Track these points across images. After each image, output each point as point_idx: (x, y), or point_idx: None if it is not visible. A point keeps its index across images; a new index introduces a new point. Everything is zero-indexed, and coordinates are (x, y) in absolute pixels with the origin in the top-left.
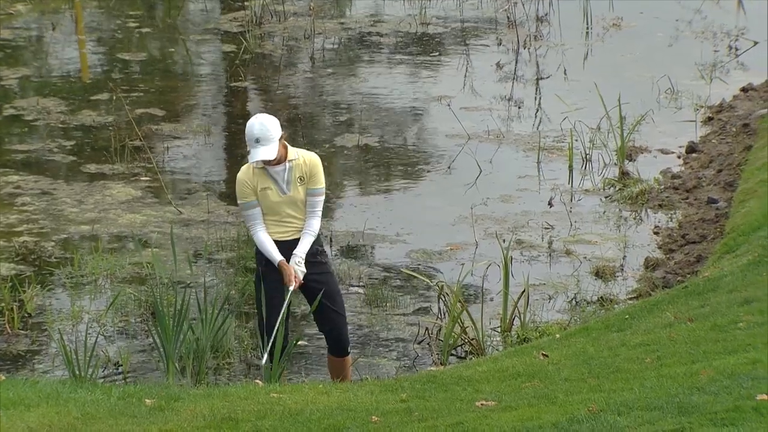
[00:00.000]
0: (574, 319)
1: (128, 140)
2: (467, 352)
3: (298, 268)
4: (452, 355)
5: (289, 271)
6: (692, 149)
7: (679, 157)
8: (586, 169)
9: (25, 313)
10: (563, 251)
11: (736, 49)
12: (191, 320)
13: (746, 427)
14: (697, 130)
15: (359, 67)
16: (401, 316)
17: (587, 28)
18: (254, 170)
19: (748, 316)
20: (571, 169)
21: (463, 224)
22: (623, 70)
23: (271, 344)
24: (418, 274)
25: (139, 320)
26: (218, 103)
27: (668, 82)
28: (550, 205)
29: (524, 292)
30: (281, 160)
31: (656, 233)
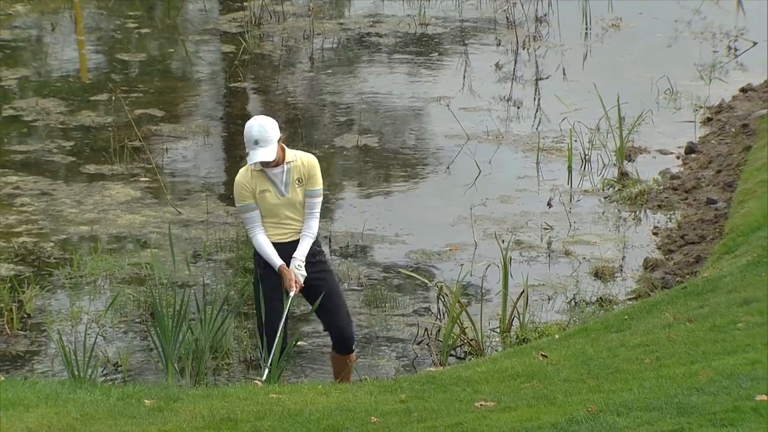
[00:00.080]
0: (573, 319)
1: (127, 141)
2: (466, 352)
3: (298, 272)
4: (451, 355)
5: (289, 275)
6: (691, 150)
7: (678, 157)
8: (585, 169)
9: (24, 313)
10: (562, 252)
11: (735, 49)
12: (190, 321)
13: (745, 427)
14: (696, 130)
15: (358, 67)
16: (400, 316)
17: (586, 28)
18: (252, 173)
19: (747, 316)
20: (570, 169)
21: (462, 225)
22: (622, 70)
23: (272, 357)
24: (417, 274)
25: (138, 321)
26: (217, 103)
27: (667, 82)
28: (549, 205)
29: (523, 292)
30: (279, 162)
31: (655, 234)
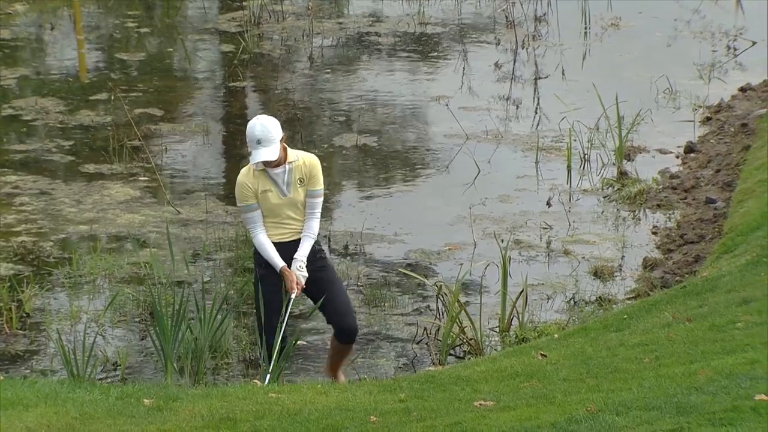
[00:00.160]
0: (572, 319)
1: (127, 140)
2: (466, 352)
3: (299, 273)
4: (451, 355)
5: (291, 277)
6: (690, 149)
7: (677, 157)
8: (584, 169)
9: (23, 313)
10: (561, 251)
11: (734, 49)
12: (189, 320)
13: (744, 427)
14: (695, 130)
15: (358, 67)
16: (399, 316)
17: (585, 28)
18: (254, 172)
19: (746, 316)
20: (569, 169)
21: (461, 224)
22: (622, 69)
23: (273, 363)
24: (416, 274)
25: (137, 320)
26: (217, 103)
27: (666, 81)
28: (548, 205)
29: (522, 292)
30: (281, 161)
31: (654, 233)
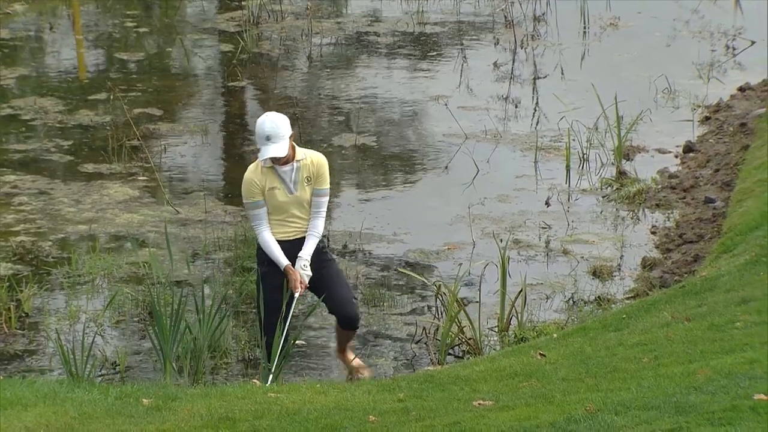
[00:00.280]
0: (571, 318)
1: (126, 140)
2: (464, 351)
3: (303, 272)
4: (449, 354)
5: (294, 276)
6: (689, 149)
7: (676, 156)
8: (583, 168)
9: (22, 312)
10: (560, 251)
11: (733, 48)
12: (188, 320)
13: (743, 426)
14: (694, 129)
15: (356, 66)
16: (398, 315)
17: (584, 27)
18: (262, 169)
19: (745, 315)
20: (568, 168)
21: (460, 224)
22: (620, 69)
23: (273, 363)
24: (415, 273)
25: (136, 320)
26: (216, 102)
27: (665, 81)
28: (547, 204)
29: (521, 291)
30: (289, 159)
31: (653, 233)
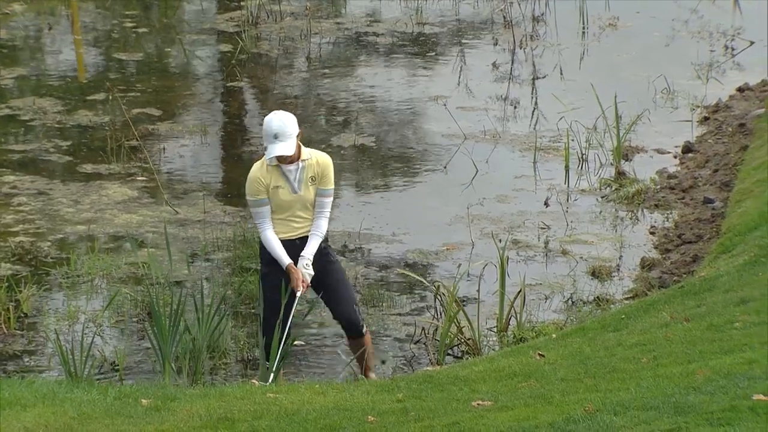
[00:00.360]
0: (570, 319)
1: (125, 140)
2: (463, 351)
3: (305, 271)
4: (448, 354)
5: (296, 275)
6: (688, 149)
7: (675, 157)
8: (582, 169)
9: (21, 313)
10: (559, 251)
11: (732, 48)
12: (187, 320)
13: (742, 427)
14: (693, 129)
15: (355, 66)
16: (397, 315)
17: (583, 27)
18: (267, 168)
19: (744, 316)
20: (567, 169)
21: (459, 224)
22: (619, 69)
23: (273, 362)
24: (414, 274)
25: (135, 320)
26: (215, 103)
27: (664, 81)
28: (546, 205)
29: (520, 292)
30: (294, 158)
31: (652, 233)
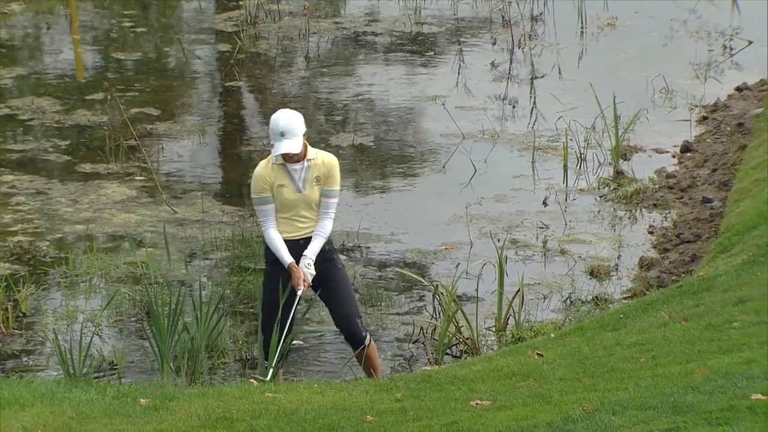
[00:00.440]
0: (568, 318)
1: (123, 140)
2: (462, 351)
3: (307, 270)
4: (447, 354)
5: (298, 273)
6: (687, 149)
7: (673, 156)
8: (580, 168)
9: (19, 312)
10: (558, 251)
11: (730, 48)
12: (186, 320)
13: (741, 426)
14: (691, 129)
15: (354, 66)
16: (396, 315)
17: (582, 27)
18: (273, 166)
19: (742, 315)
20: (565, 168)
21: (457, 224)
22: (618, 69)
23: (275, 361)
24: (412, 273)
25: (133, 320)
26: (213, 102)
27: (663, 81)
28: (544, 204)
29: (519, 291)
30: (300, 158)
31: (651, 233)
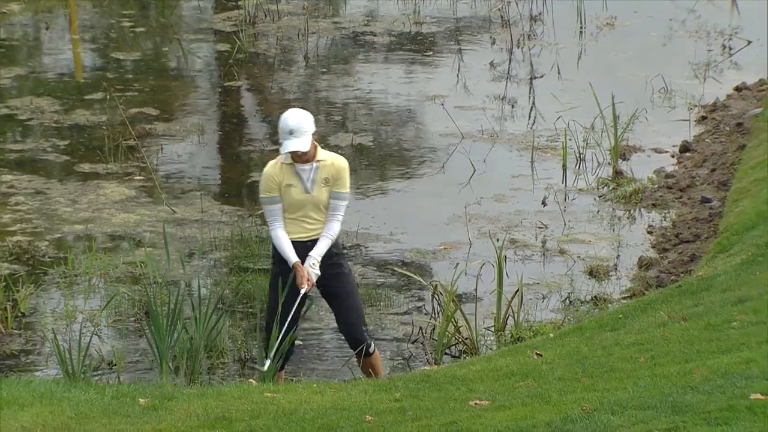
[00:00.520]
0: (567, 318)
1: (122, 140)
2: (461, 351)
3: (312, 270)
4: (446, 354)
5: (302, 272)
6: (686, 148)
7: (672, 156)
8: (579, 168)
9: (18, 312)
10: (557, 250)
11: (729, 48)
12: (185, 320)
13: (740, 426)
14: (690, 129)
15: (353, 66)
16: (395, 315)
17: (581, 27)
18: (282, 166)
19: (741, 315)
20: (564, 168)
21: (457, 223)
22: (617, 69)
23: (274, 351)
24: (411, 273)
25: (132, 320)
26: (212, 102)
27: (662, 81)
28: (543, 204)
29: (518, 291)
30: (309, 158)
31: (650, 232)
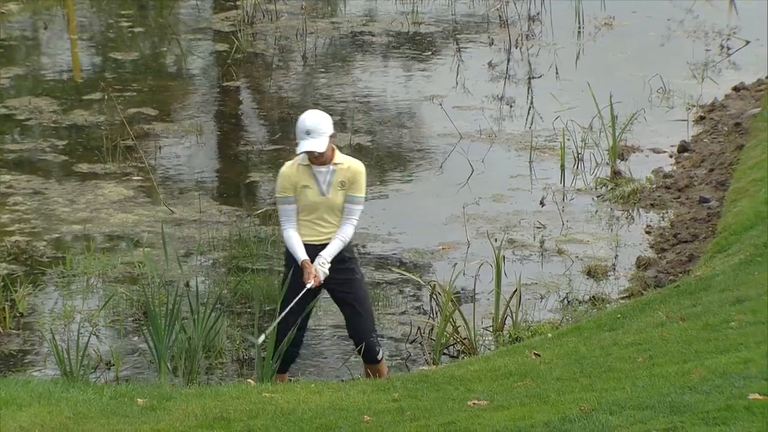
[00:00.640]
0: (566, 318)
1: (120, 140)
2: (459, 351)
3: (320, 268)
4: (444, 354)
5: (309, 269)
6: (684, 148)
7: (671, 156)
8: (578, 168)
9: (16, 312)
10: (555, 251)
11: (727, 48)
12: (183, 320)
13: (738, 426)
14: (688, 129)
15: (351, 66)
16: (393, 315)
17: (579, 27)
18: (298, 167)
19: (740, 315)
20: (563, 168)
21: (455, 224)
22: (615, 69)
23: (271, 328)
24: (410, 273)
25: (131, 320)
26: (210, 102)
27: (660, 81)
28: (542, 204)
29: (516, 291)
30: (326, 161)
31: (648, 232)
